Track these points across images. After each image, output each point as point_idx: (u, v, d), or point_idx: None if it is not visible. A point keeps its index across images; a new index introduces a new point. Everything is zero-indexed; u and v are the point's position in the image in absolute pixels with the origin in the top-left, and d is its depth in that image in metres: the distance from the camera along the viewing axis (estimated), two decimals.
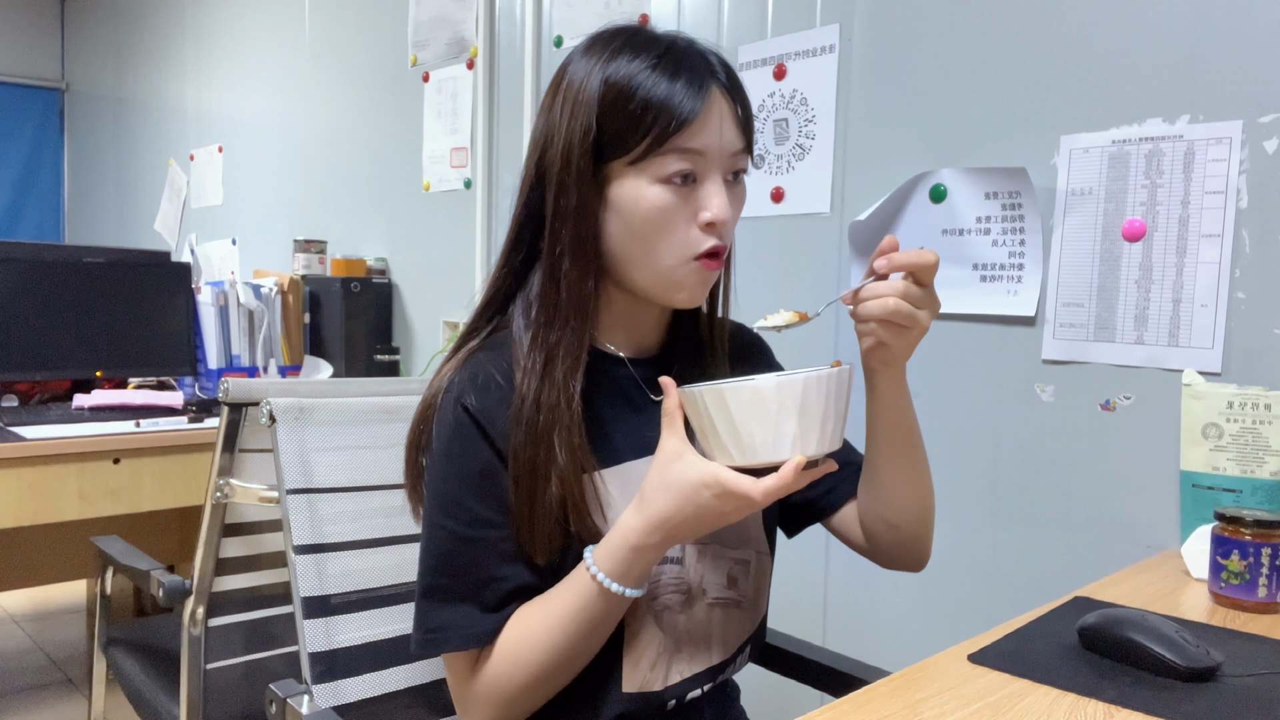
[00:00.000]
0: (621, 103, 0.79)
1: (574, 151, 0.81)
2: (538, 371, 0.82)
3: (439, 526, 0.83)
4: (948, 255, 1.46)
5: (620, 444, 0.87)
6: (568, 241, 0.82)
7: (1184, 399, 1.21)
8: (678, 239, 0.81)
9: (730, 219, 0.83)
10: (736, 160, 0.83)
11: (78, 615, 3.03)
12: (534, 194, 0.86)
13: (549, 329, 0.83)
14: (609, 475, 0.85)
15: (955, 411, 1.47)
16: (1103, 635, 0.83)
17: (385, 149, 2.69)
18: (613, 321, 0.90)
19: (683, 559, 0.88)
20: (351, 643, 1.07)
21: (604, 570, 0.78)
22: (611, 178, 0.81)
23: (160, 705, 1.39)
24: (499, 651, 0.82)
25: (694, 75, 0.80)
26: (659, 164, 0.79)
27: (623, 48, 0.81)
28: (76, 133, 5.00)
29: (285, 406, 1.08)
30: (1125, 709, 0.72)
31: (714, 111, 0.80)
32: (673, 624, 0.88)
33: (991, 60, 1.42)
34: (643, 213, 0.81)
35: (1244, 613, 0.97)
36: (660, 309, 0.91)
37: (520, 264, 0.88)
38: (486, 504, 0.82)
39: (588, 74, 0.81)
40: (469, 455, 0.82)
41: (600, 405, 0.87)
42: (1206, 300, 1.21)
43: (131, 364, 2.34)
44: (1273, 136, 1.16)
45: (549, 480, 0.80)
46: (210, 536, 1.33)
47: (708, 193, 0.81)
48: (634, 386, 0.90)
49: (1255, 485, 1.14)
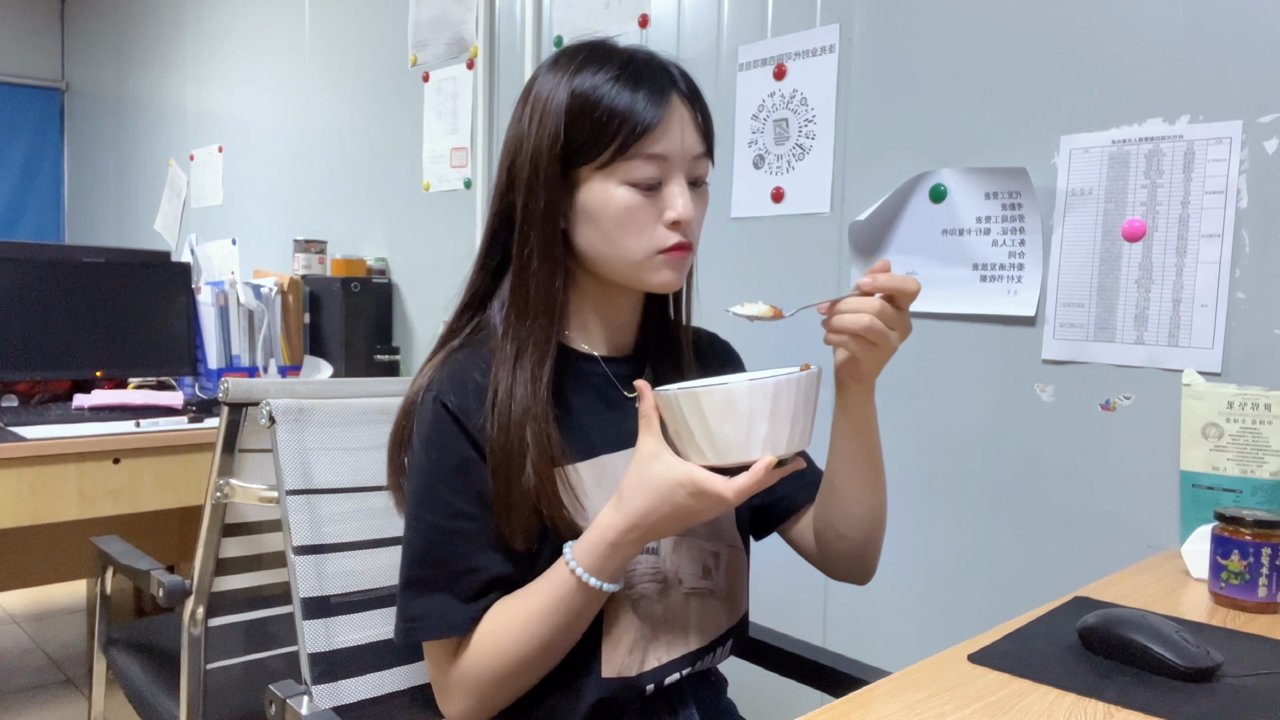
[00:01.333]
0: (588, 111, 0.84)
1: (543, 158, 0.85)
2: (510, 365, 0.86)
3: (419, 519, 0.87)
4: (948, 255, 1.46)
5: (596, 438, 0.91)
6: (536, 243, 0.87)
7: (1184, 399, 1.21)
8: (645, 236, 0.86)
9: (695, 218, 0.87)
10: (698, 164, 0.88)
11: (76, 615, 3.04)
12: (506, 199, 0.90)
13: (520, 325, 0.88)
14: (585, 468, 0.89)
15: (955, 411, 1.47)
16: (1103, 635, 0.83)
17: (385, 149, 2.69)
18: (587, 322, 0.94)
19: (659, 549, 0.92)
20: (351, 643, 1.07)
21: (583, 565, 0.82)
22: (580, 182, 0.86)
23: (160, 705, 1.39)
24: (477, 641, 0.85)
25: (655, 84, 0.85)
26: (625, 169, 0.84)
27: (586, 61, 0.86)
28: (76, 133, 5.00)
29: (285, 407, 1.08)
30: (1125, 709, 0.72)
31: (674, 118, 0.85)
32: (650, 612, 0.91)
33: (991, 60, 1.42)
34: (611, 214, 0.85)
35: (1244, 613, 0.97)
36: (633, 310, 0.97)
37: (495, 265, 0.93)
38: (465, 497, 0.85)
39: (555, 86, 0.86)
40: (447, 450, 0.86)
41: (577, 401, 0.91)
42: (1206, 300, 1.21)
43: (131, 364, 2.34)
44: (1273, 136, 1.16)
45: (524, 469, 0.84)
46: (210, 536, 1.33)
47: (672, 193, 0.86)
48: (609, 384, 0.95)
49: (1255, 485, 1.14)
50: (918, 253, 1.49)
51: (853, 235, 1.56)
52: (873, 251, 1.55)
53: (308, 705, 1.00)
